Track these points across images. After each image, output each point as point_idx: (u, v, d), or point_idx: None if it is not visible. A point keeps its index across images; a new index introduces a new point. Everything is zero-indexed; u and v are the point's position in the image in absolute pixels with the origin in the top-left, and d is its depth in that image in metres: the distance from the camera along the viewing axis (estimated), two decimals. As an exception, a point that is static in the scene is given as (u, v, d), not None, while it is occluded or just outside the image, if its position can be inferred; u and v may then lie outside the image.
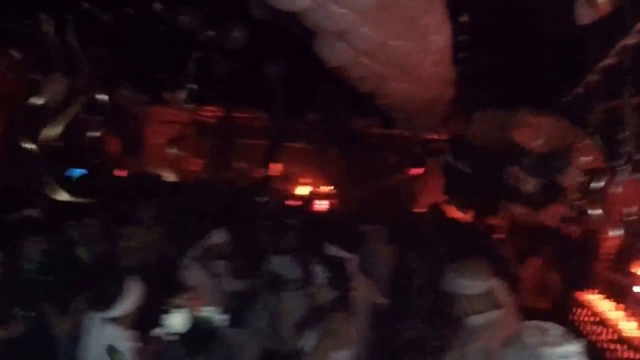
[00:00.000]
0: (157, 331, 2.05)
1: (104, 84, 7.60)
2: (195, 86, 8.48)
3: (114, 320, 2.97)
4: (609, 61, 4.19)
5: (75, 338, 3.37)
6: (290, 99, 9.65)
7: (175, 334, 2.04)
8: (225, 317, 2.15)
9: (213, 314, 2.14)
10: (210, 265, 4.72)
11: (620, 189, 3.44)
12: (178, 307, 2.15)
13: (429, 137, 11.10)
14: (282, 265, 5.15)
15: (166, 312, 2.14)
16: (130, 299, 3.04)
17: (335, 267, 3.68)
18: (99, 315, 3.08)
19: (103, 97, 7.37)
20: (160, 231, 5.80)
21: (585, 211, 4.74)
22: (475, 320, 2.79)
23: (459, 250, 5.41)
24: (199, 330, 2.08)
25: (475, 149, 7.18)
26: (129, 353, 2.76)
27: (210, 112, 13.60)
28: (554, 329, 1.74)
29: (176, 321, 2.09)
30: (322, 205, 11.16)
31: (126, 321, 2.95)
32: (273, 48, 7.59)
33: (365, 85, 4.94)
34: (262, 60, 7.76)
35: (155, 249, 5.56)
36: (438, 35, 4.47)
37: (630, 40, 3.81)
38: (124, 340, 2.86)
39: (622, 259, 5.39)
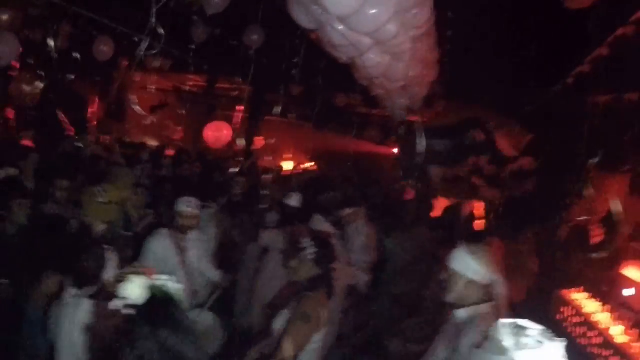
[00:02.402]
0: (115, 303, 1.89)
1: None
2: (176, 52, 8.29)
3: (92, 295, 2.85)
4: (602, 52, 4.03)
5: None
6: (273, 70, 9.44)
7: (133, 305, 1.87)
8: (181, 286, 1.98)
9: (168, 282, 1.97)
10: (179, 239, 4.56)
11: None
12: (132, 275, 1.98)
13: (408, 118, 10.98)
14: (269, 238, 5.11)
15: (122, 281, 1.97)
16: (110, 272, 2.95)
17: (323, 243, 3.43)
18: (80, 292, 2.96)
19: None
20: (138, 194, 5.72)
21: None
22: (466, 312, 2.56)
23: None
24: (157, 301, 1.88)
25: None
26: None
27: (192, 81, 13.38)
28: (533, 329, 1.61)
29: (134, 290, 1.93)
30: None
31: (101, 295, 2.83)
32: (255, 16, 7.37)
33: (340, 55, 4.82)
34: (243, 27, 7.51)
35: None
36: (419, 9, 4.32)
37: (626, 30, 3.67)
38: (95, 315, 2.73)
39: (610, 258, 5.20)
